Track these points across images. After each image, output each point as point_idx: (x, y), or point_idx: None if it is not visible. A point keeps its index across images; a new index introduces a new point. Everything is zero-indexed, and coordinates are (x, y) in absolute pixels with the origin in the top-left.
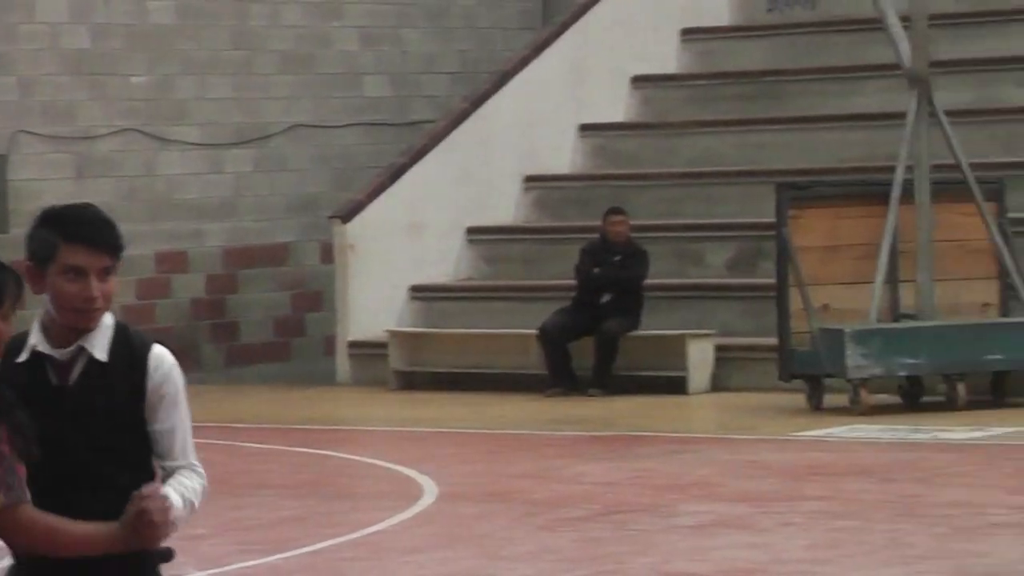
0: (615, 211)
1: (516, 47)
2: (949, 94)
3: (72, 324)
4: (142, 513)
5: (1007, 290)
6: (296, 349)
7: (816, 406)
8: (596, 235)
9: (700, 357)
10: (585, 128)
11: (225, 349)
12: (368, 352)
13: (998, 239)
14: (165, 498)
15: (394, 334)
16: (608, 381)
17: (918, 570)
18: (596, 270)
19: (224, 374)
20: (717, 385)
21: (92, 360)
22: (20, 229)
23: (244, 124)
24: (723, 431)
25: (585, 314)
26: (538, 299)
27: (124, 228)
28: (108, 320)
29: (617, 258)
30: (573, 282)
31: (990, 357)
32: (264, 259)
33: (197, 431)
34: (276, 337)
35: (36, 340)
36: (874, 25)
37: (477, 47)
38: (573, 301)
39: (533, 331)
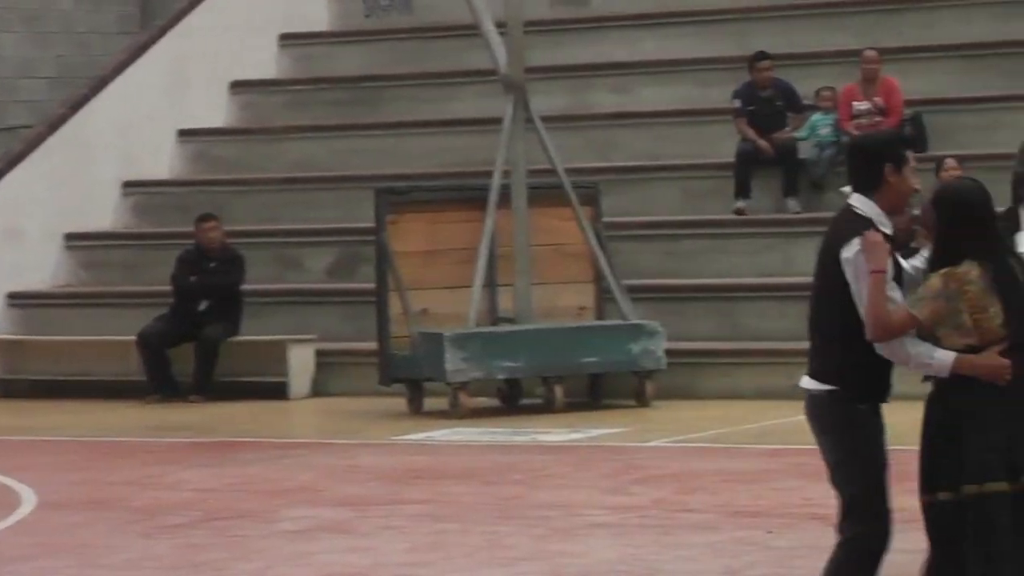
0: (206, 218)
1: (115, 51)
2: (545, 99)
3: None
4: None
5: (603, 293)
6: None
7: (416, 410)
8: (192, 242)
9: (301, 362)
10: (184, 133)
11: None
12: None
13: (594, 243)
14: None
15: None
16: (209, 387)
17: (516, 571)
18: (192, 278)
19: None
20: (318, 390)
21: None
22: None
23: None
24: (324, 436)
25: (184, 321)
26: (138, 305)
27: None
28: None
29: (213, 264)
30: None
31: (586, 360)
32: None
33: None
34: None
35: None
36: (471, 31)
37: (75, 52)
38: (171, 308)
39: (132, 338)
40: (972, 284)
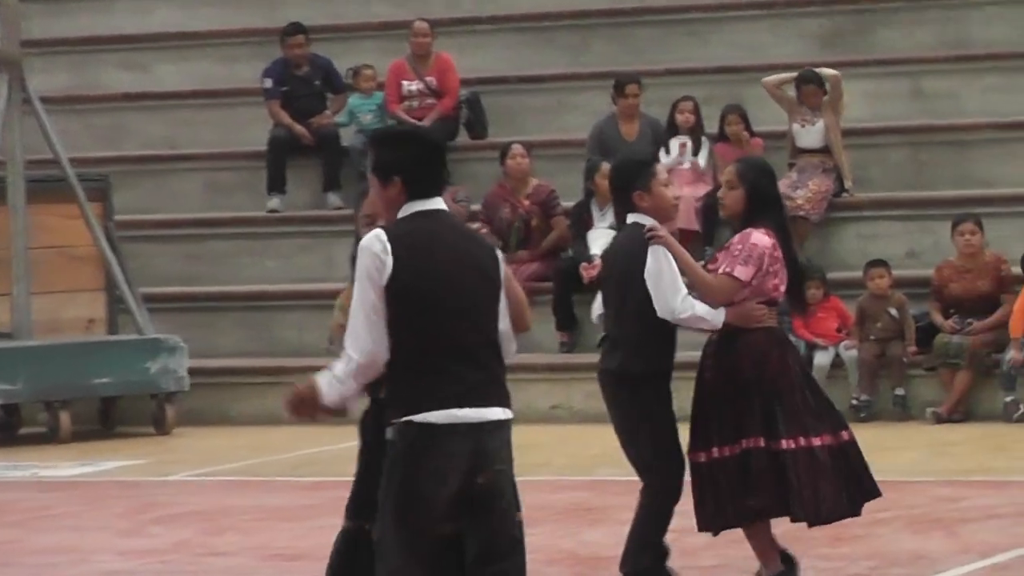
0: None
1: None
2: (45, 78)
3: None
4: None
5: (115, 304)
6: None
7: None
8: None
9: None
10: None
11: None
12: None
13: (104, 245)
14: None
15: None
16: None
17: None
18: None
19: None
20: None
21: None
22: None
23: None
24: None
25: None
26: None
27: None
28: None
29: None
30: None
31: (97, 381)
32: None
33: None
34: None
35: None
36: None
37: None
38: None
39: None
40: None
